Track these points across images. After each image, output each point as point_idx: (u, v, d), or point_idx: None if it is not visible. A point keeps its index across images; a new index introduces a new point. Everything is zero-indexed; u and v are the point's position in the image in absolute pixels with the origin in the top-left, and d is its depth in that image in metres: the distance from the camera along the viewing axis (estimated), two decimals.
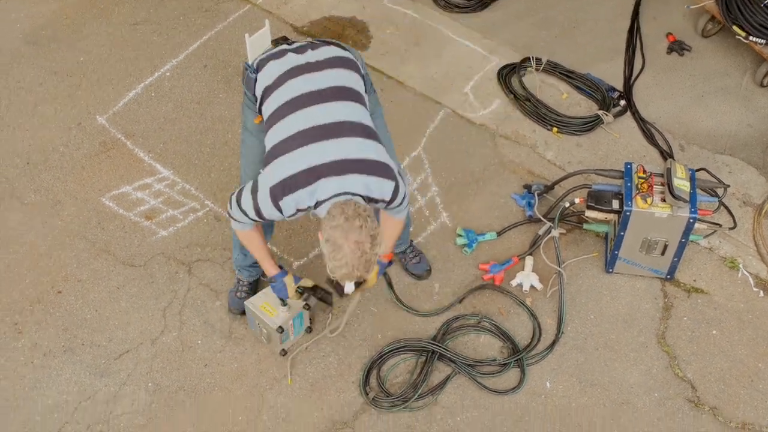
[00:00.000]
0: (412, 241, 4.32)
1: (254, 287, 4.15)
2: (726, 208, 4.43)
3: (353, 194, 3.20)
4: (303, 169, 3.17)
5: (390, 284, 4.22)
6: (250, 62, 3.51)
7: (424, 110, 5.01)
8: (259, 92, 3.44)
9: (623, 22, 5.53)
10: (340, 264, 3.13)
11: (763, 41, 5.00)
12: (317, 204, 3.20)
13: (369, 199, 3.27)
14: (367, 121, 3.36)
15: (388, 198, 3.30)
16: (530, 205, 4.49)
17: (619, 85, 5.15)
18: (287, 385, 3.92)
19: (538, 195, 4.50)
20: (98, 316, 4.14)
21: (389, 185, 3.27)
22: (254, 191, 3.28)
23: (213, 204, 4.56)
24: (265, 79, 3.42)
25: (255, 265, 4.05)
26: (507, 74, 5.15)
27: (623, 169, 4.12)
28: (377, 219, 3.26)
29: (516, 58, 5.25)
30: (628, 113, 5.01)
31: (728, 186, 4.31)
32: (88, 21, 5.52)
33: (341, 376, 3.96)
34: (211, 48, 5.35)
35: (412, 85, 5.13)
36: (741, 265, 4.35)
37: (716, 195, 4.33)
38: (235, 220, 3.50)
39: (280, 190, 3.19)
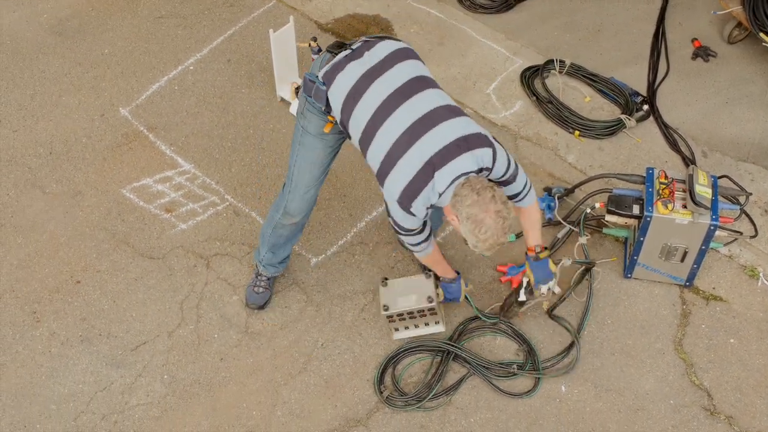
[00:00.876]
0: None
1: (273, 283, 4.16)
2: (747, 216, 4.38)
3: (466, 173, 3.29)
4: (417, 172, 3.26)
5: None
6: (318, 76, 3.50)
7: None
8: (336, 106, 3.44)
9: (648, 26, 5.50)
10: (486, 236, 3.27)
11: None
12: (439, 196, 3.32)
13: (480, 170, 3.35)
14: (448, 100, 3.42)
15: (490, 165, 3.35)
16: (550, 208, 4.47)
17: (642, 89, 5.11)
18: (302, 380, 3.93)
19: (559, 198, 4.48)
20: (116, 307, 4.17)
21: (488, 152, 3.33)
22: (388, 213, 3.46)
23: (233, 198, 4.58)
24: (338, 95, 3.43)
25: (284, 261, 4.10)
26: (530, 76, 5.13)
27: (645, 174, 4.10)
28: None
29: (539, 60, 5.23)
30: (651, 118, 4.98)
31: (750, 194, 4.28)
32: (114, 13, 5.55)
33: (356, 374, 3.96)
34: (235, 43, 5.37)
35: None
36: (761, 274, 4.32)
37: (738, 203, 4.30)
38: (420, 252, 3.70)
39: (406, 200, 3.31)
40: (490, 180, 3.40)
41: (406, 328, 4.00)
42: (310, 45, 4.70)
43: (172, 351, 4.02)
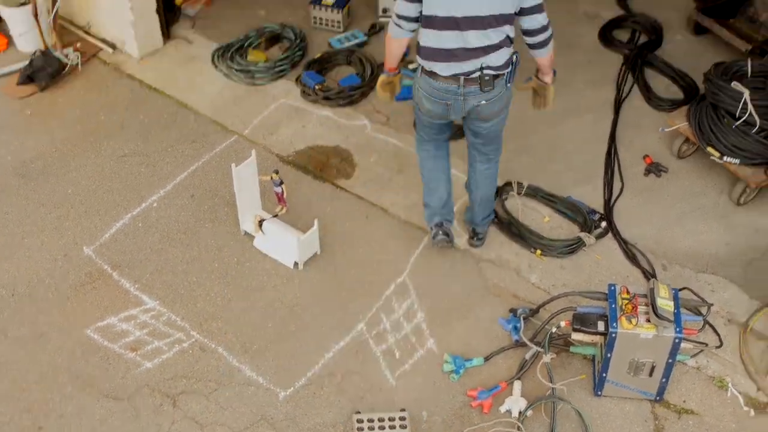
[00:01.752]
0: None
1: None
2: (711, 326, 4.44)
3: None
4: None
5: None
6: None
7: (408, 237, 5.06)
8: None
9: (601, 146, 5.66)
10: None
11: (737, 161, 5.13)
12: None
13: None
14: None
15: None
16: (516, 330, 4.49)
17: (599, 207, 5.23)
18: None
19: (524, 319, 4.51)
20: None
21: None
22: None
23: (198, 335, 4.53)
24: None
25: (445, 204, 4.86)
26: None
27: (607, 291, 4.15)
28: None
29: (498, 183, 5.33)
30: (610, 235, 5.07)
31: (712, 304, 4.34)
32: (78, 154, 5.61)
33: None
34: (198, 178, 5.43)
35: (395, 212, 5.20)
36: (730, 384, 4.33)
37: (701, 314, 4.35)
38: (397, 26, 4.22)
39: None
40: None
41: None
42: (272, 178, 4.79)
43: None
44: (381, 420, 3.98)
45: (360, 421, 3.96)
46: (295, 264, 4.84)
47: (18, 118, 5.86)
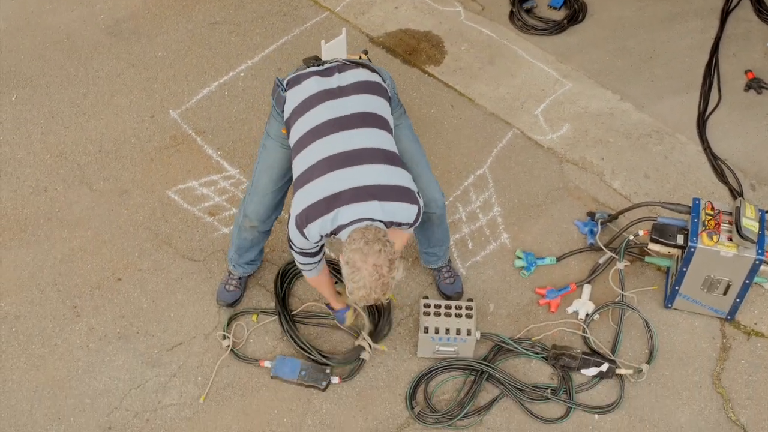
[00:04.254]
0: (450, 260, 4.30)
1: (244, 283, 4.23)
2: None
3: (373, 220, 3.29)
4: (323, 198, 3.29)
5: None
6: (282, 79, 3.63)
7: (492, 129, 4.99)
8: (287, 112, 3.55)
9: (701, 56, 5.44)
10: (358, 286, 3.23)
11: None
12: (339, 229, 3.32)
13: (391, 223, 3.36)
14: (390, 146, 3.46)
15: (412, 221, 3.39)
16: (592, 233, 4.44)
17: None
18: (334, 391, 3.94)
19: (602, 224, 4.45)
20: (155, 307, 4.20)
21: (413, 209, 3.36)
22: (288, 224, 3.44)
23: None
24: (292, 101, 3.53)
25: (251, 263, 4.17)
26: None
27: (691, 205, 4.06)
28: None
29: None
30: (700, 148, 4.92)
31: None
32: (169, 17, 5.63)
33: (388, 388, 3.95)
34: (286, 52, 5.41)
35: (482, 104, 5.12)
36: None
37: None
38: (306, 272, 3.69)
39: (304, 219, 3.33)
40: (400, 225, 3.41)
41: (437, 331, 3.95)
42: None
43: (207, 353, 4.05)
44: (447, 307, 4.02)
45: (427, 306, 4.01)
46: None
47: None
